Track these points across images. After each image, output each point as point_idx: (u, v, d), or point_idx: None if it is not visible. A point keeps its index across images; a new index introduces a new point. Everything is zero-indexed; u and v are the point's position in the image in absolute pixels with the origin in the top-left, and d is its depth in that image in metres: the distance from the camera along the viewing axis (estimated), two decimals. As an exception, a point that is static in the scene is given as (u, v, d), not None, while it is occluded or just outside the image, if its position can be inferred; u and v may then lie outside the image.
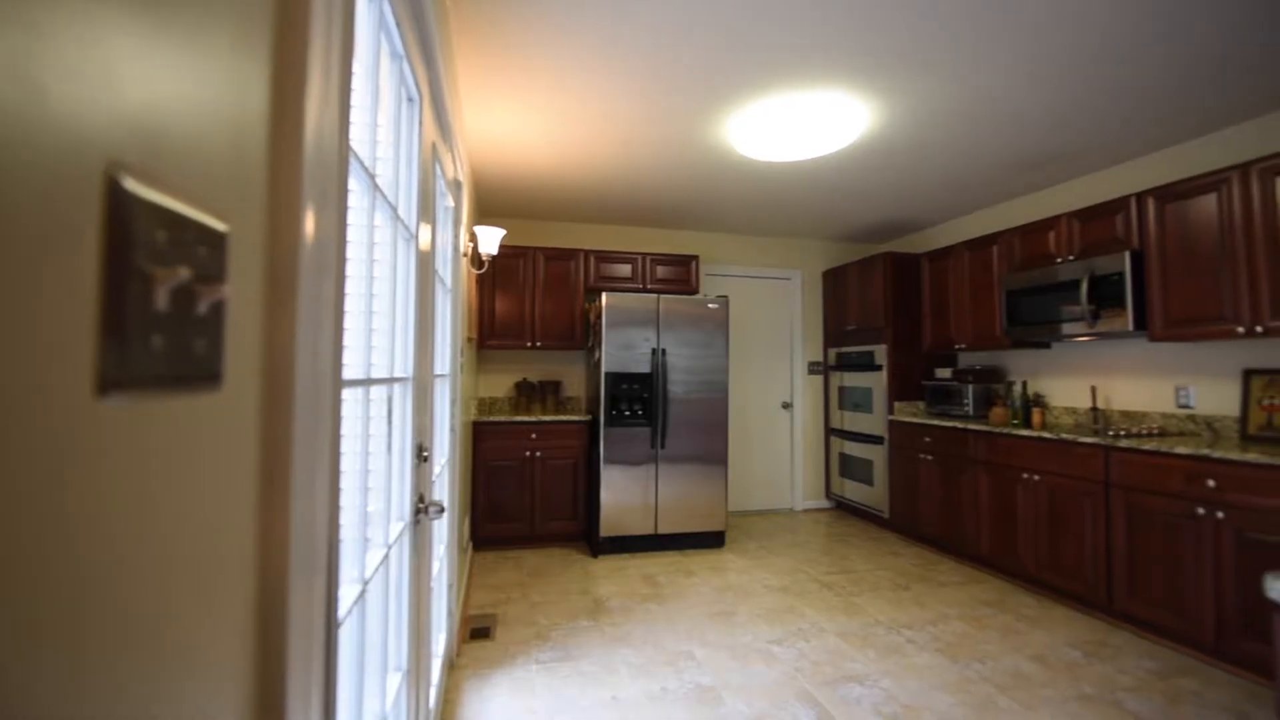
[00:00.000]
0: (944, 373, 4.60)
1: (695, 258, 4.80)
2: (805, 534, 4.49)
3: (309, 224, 0.62)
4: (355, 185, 1.02)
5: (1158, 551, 2.63)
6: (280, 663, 0.57)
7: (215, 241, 0.44)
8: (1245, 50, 2.27)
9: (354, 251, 1.02)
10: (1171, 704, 2.15)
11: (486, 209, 4.61)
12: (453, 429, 2.51)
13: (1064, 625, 2.83)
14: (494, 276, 4.39)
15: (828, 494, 5.37)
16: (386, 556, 1.19)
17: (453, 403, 2.51)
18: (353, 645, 0.98)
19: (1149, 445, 2.67)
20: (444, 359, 2.36)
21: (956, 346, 4.26)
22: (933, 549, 4.08)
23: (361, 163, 0.98)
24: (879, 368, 4.65)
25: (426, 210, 1.69)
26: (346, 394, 0.94)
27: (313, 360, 0.63)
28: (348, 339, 0.96)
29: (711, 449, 4.12)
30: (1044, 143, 3.18)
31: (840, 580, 3.45)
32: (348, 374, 0.92)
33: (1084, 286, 3.17)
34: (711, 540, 4.13)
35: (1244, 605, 2.32)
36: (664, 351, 4.08)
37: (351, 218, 0.99)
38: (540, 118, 2.92)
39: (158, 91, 0.38)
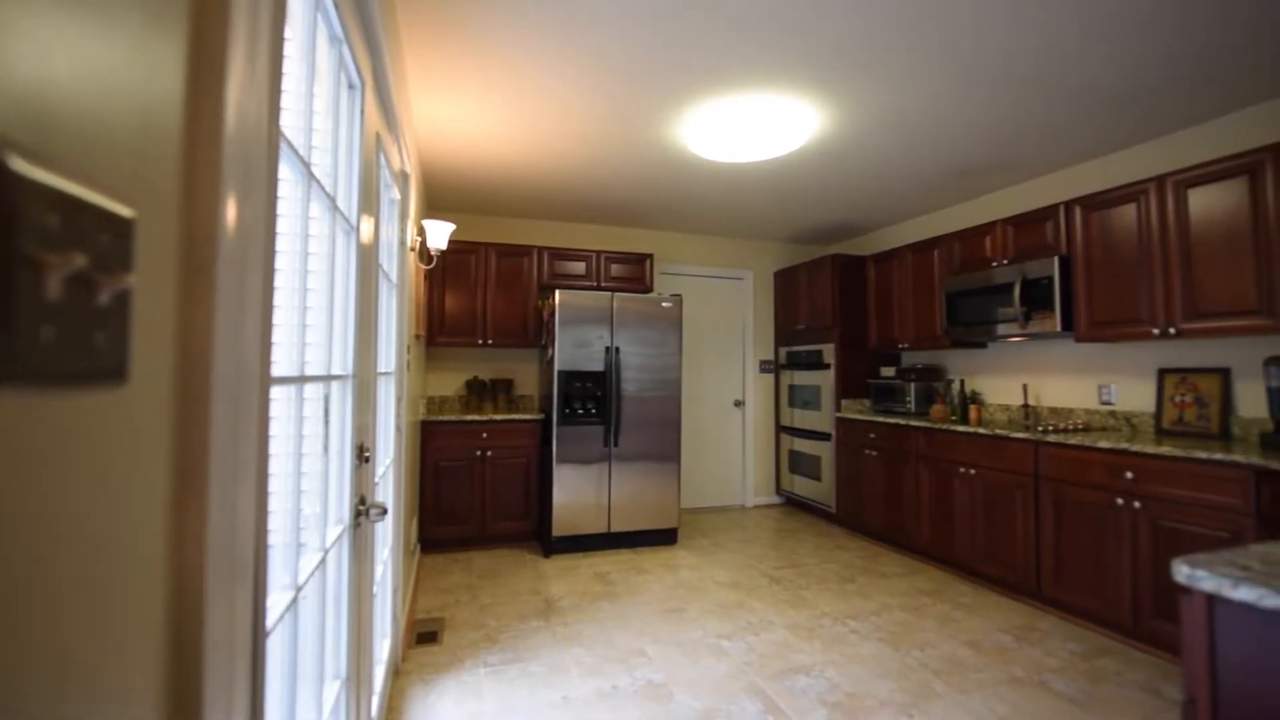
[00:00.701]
0: (888, 371, 4.77)
1: (650, 256, 4.81)
2: (756, 530, 4.57)
3: (230, 212, 0.58)
4: (288, 173, 0.97)
5: (1082, 540, 2.80)
6: (195, 678, 0.54)
7: (120, 228, 0.41)
8: (1170, 67, 2.43)
9: (287, 243, 0.97)
10: (1093, 683, 2.29)
11: (436, 203, 4.50)
12: (399, 428, 2.44)
13: (997, 612, 2.98)
14: (444, 273, 4.29)
15: (778, 490, 5.48)
16: (323, 561, 1.14)
17: (399, 401, 2.43)
18: (285, 654, 0.94)
19: (1074, 440, 2.84)
20: (389, 356, 2.28)
21: (900, 346, 4.41)
22: (877, 542, 4.23)
23: (295, 150, 0.94)
24: (827, 366, 4.77)
25: (369, 202, 1.63)
26: (277, 392, 0.90)
27: (235, 356, 0.59)
28: (279, 334, 0.91)
29: (664, 447, 4.15)
30: (981, 152, 3.33)
31: (789, 574, 3.53)
32: (278, 371, 0.88)
33: (1017, 289, 3.34)
34: (664, 538, 4.15)
35: (1157, 589, 2.49)
36: (618, 350, 4.07)
37: (284, 207, 0.95)
38: (493, 110, 2.87)
39: (53, 66, 0.35)
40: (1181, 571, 0.94)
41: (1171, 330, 2.74)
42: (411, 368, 3.11)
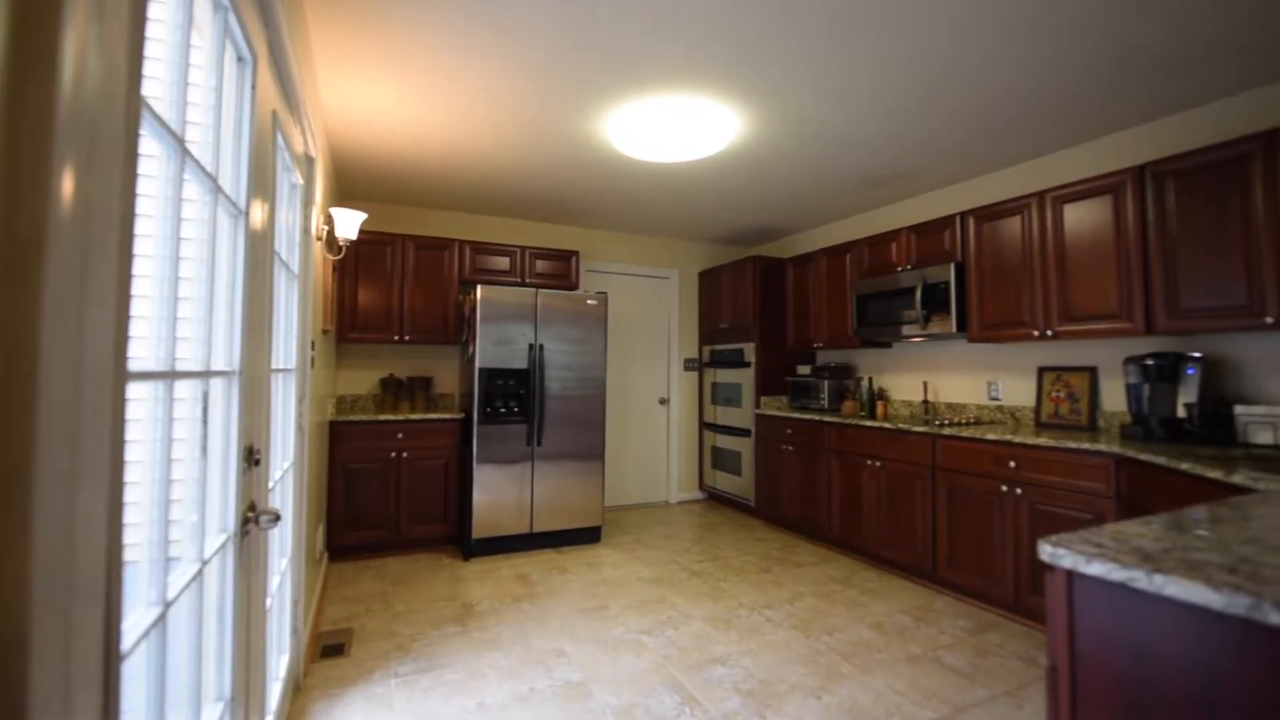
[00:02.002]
0: (805, 369, 4.97)
1: (576, 253, 4.77)
2: (679, 525, 4.64)
3: (65, 188, 0.52)
4: (156, 149, 0.88)
5: (972, 525, 3.03)
6: (18, 711, 0.47)
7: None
8: (1049, 96, 2.66)
9: (153, 226, 0.88)
10: (980, 656, 2.49)
11: (350, 191, 4.26)
12: (300, 429, 2.29)
13: (899, 595, 3.17)
14: (357, 265, 4.07)
15: (701, 485, 5.60)
16: (200, 574, 1.05)
17: (300, 400, 2.28)
18: (150, 676, 0.85)
19: (966, 433, 3.06)
20: (288, 352, 2.14)
21: (816, 345, 4.61)
22: (793, 533, 4.40)
23: (164, 123, 0.85)
24: (748, 365, 4.92)
25: (263, 185, 1.52)
26: (140, 390, 0.81)
27: (72, 350, 0.53)
28: (142, 327, 0.83)
29: (589, 445, 4.13)
30: (889, 163, 3.52)
31: (709, 568, 3.61)
32: (139, 366, 0.79)
33: (918, 293, 3.57)
34: (588, 536, 4.14)
35: (1035, 568, 2.74)
36: (542, 347, 4.01)
37: (150, 187, 0.86)
38: (410, 96, 2.74)
39: None
40: (1045, 550, 1.03)
41: (1049, 332, 3.01)
42: (318, 364, 2.93)
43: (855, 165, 3.58)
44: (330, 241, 3.33)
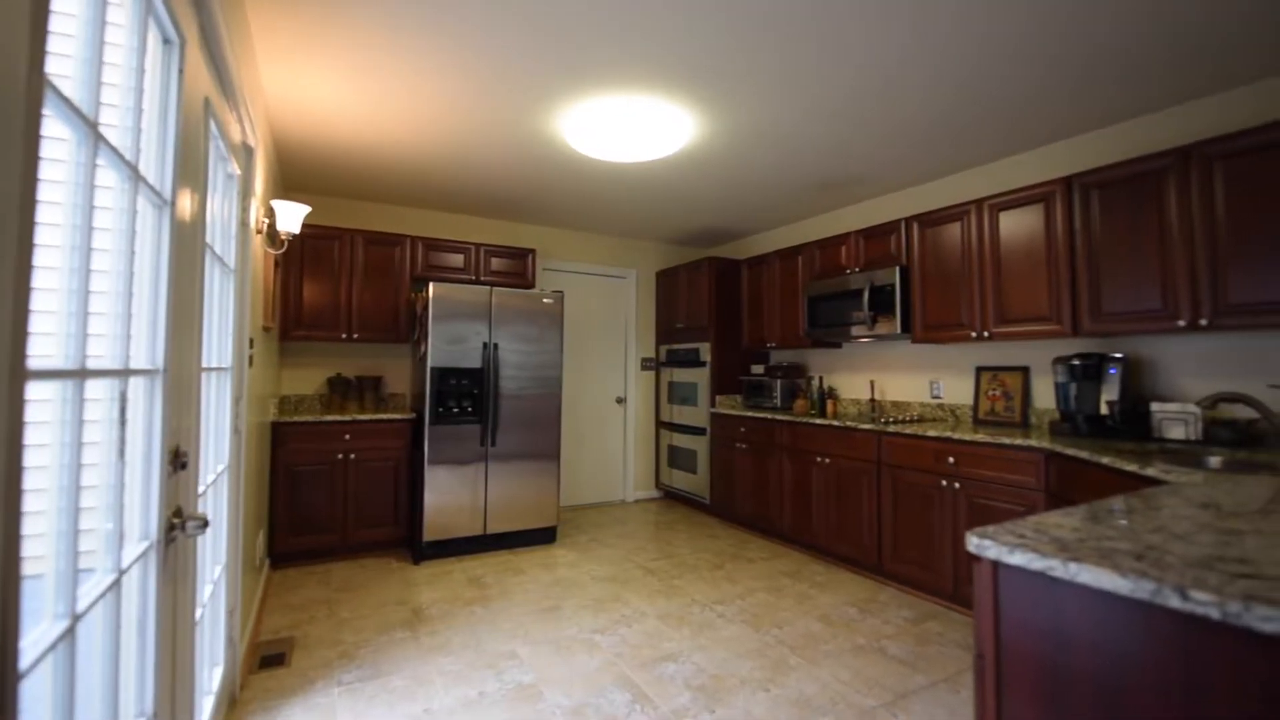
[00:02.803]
0: (758, 369, 5.06)
1: (532, 251, 4.72)
2: (635, 524, 4.66)
3: (-53, 170, 0.48)
4: (65, 132, 0.83)
5: (915, 519, 3.15)
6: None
7: None
8: (986, 107, 2.78)
9: (61, 215, 0.83)
10: (921, 645, 2.58)
11: (295, 183, 4.10)
12: (237, 430, 2.19)
13: (846, 587, 3.26)
14: (302, 260, 3.92)
15: (657, 484, 5.63)
16: (117, 584, 0.99)
17: (237, 400, 2.18)
18: (56, 695, 0.80)
19: (909, 430, 3.18)
20: (222, 349, 2.04)
21: (769, 345, 4.70)
22: (746, 529, 4.47)
23: (73, 105, 0.80)
24: (704, 364, 4.97)
25: (192, 175, 1.45)
26: (43, 389, 0.76)
27: (-44, 345, 0.49)
28: (46, 322, 0.78)
29: (544, 445, 4.09)
30: (840, 168, 3.62)
31: (663, 565, 3.63)
32: (42, 364, 0.74)
33: (866, 295, 3.68)
34: (543, 537, 4.10)
35: (970, 559, 2.86)
36: (496, 346, 3.96)
37: (56, 172, 0.81)
38: (360, 87, 2.66)
39: None
40: (972, 542, 1.07)
41: (986, 334, 3.16)
42: (258, 363, 2.80)
43: (807, 170, 3.66)
44: (272, 235, 3.19)
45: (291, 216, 2.96)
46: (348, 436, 3.74)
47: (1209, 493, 1.45)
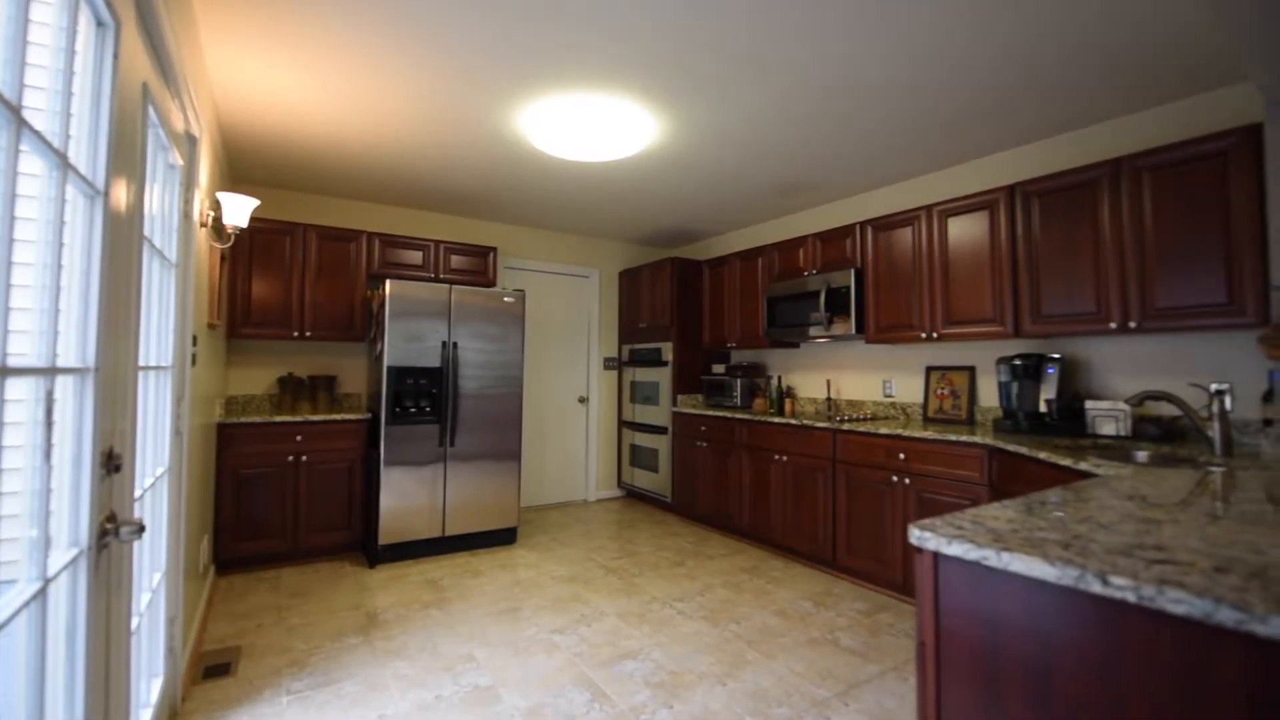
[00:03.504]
0: (719, 368, 5.12)
1: (493, 249, 4.66)
2: (597, 523, 4.65)
3: None
4: (-17, 117, 0.78)
5: (867, 513, 3.24)
6: None
7: None
8: (939, 117, 2.89)
9: (-21, 203, 0.78)
10: (873, 635, 2.67)
11: (244, 175, 3.94)
12: (178, 432, 2.10)
13: (802, 582, 3.34)
14: (251, 255, 3.78)
15: (619, 483, 5.64)
16: (42, 593, 0.94)
17: (178, 400, 2.09)
18: (-27, 714, 0.76)
19: (863, 428, 3.27)
20: (162, 347, 1.95)
21: (729, 345, 4.76)
22: (707, 526, 4.52)
23: (-7, 89, 0.76)
24: (666, 364, 5.00)
25: (128, 164, 1.38)
26: (-41, 388, 0.72)
27: None
28: (-37, 317, 0.74)
29: (505, 445, 4.05)
30: (798, 173, 3.70)
31: (625, 564, 3.64)
32: (-42, 362, 0.70)
33: (823, 297, 3.78)
34: (503, 538, 4.06)
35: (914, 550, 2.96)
36: (456, 345, 3.90)
37: (-26, 159, 0.76)
38: (314, 77, 2.58)
39: None
40: (914, 534, 1.12)
41: (935, 334, 3.28)
42: (202, 362, 2.69)
43: (767, 173, 3.73)
44: (218, 229, 3.07)
45: (239, 209, 2.85)
46: (299, 438, 3.62)
47: (1135, 485, 1.54)
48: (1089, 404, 2.72)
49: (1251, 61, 1.86)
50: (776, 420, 3.84)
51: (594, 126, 2.96)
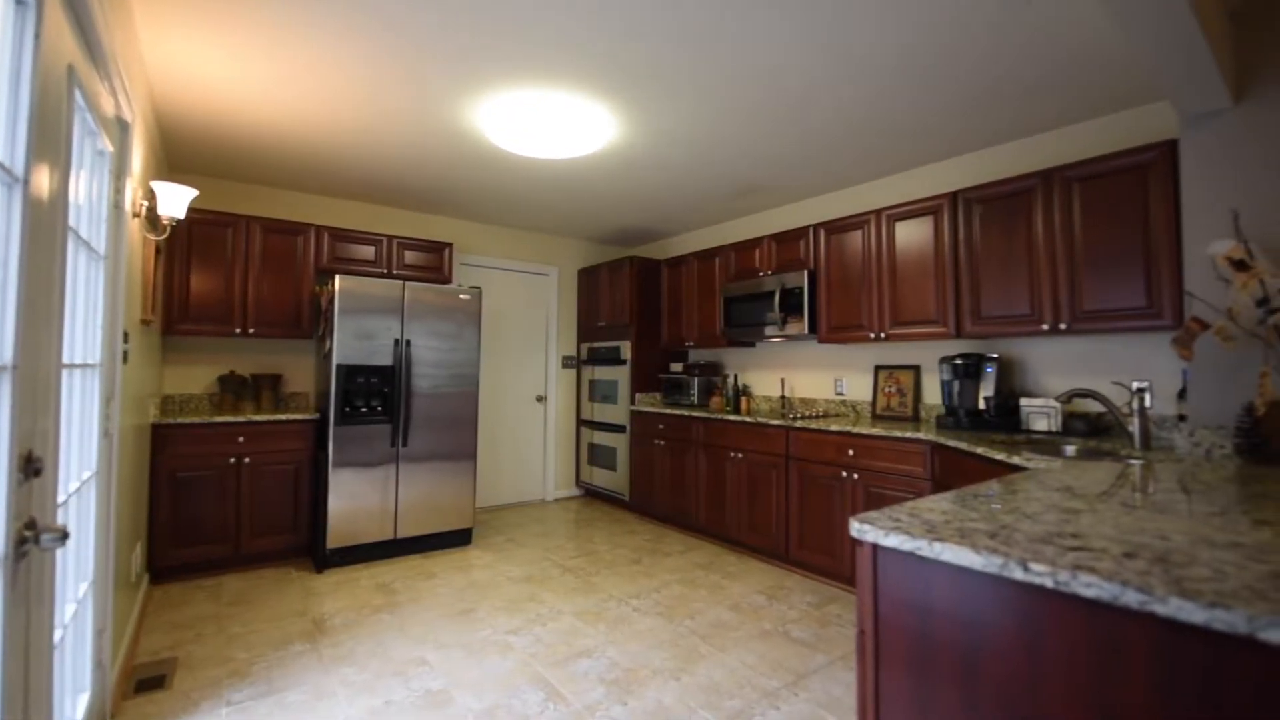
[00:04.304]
0: (677, 367, 5.17)
1: (449, 245, 4.58)
2: (554, 522, 4.63)
3: None
4: (-118, 98, 0.73)
5: (818, 508, 3.34)
6: None
7: None
8: (888, 125, 2.99)
9: (-123, 190, 0.73)
10: (822, 627, 2.75)
11: (184, 164, 3.76)
12: (107, 433, 1.99)
13: (756, 576, 3.41)
14: (189, 247, 3.61)
15: (578, 482, 5.63)
16: (-48, 606, 0.89)
17: (107, 400, 1.99)
18: None
19: (815, 425, 3.37)
20: (89, 344, 1.85)
21: (687, 344, 4.81)
22: (664, 524, 4.56)
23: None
24: (625, 362, 5.02)
25: (52, 150, 1.31)
26: None
27: None
28: None
29: (460, 445, 3.99)
30: (754, 175, 3.76)
31: (582, 563, 3.64)
32: None
33: (777, 297, 3.86)
34: (458, 539, 4.00)
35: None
36: (409, 343, 3.82)
37: None
38: (259, 62, 2.48)
39: None
40: (854, 527, 1.16)
41: (883, 335, 3.39)
42: (134, 360, 2.56)
43: (725, 175, 3.78)
44: (153, 220, 2.92)
45: (175, 199, 2.72)
46: (241, 439, 3.48)
47: (1061, 478, 1.64)
48: (1023, 401, 2.87)
49: (1167, 82, 1.99)
50: (732, 418, 3.90)
51: (552, 123, 2.94)
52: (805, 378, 4.25)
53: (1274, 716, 0.71)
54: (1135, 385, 2.45)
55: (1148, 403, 2.43)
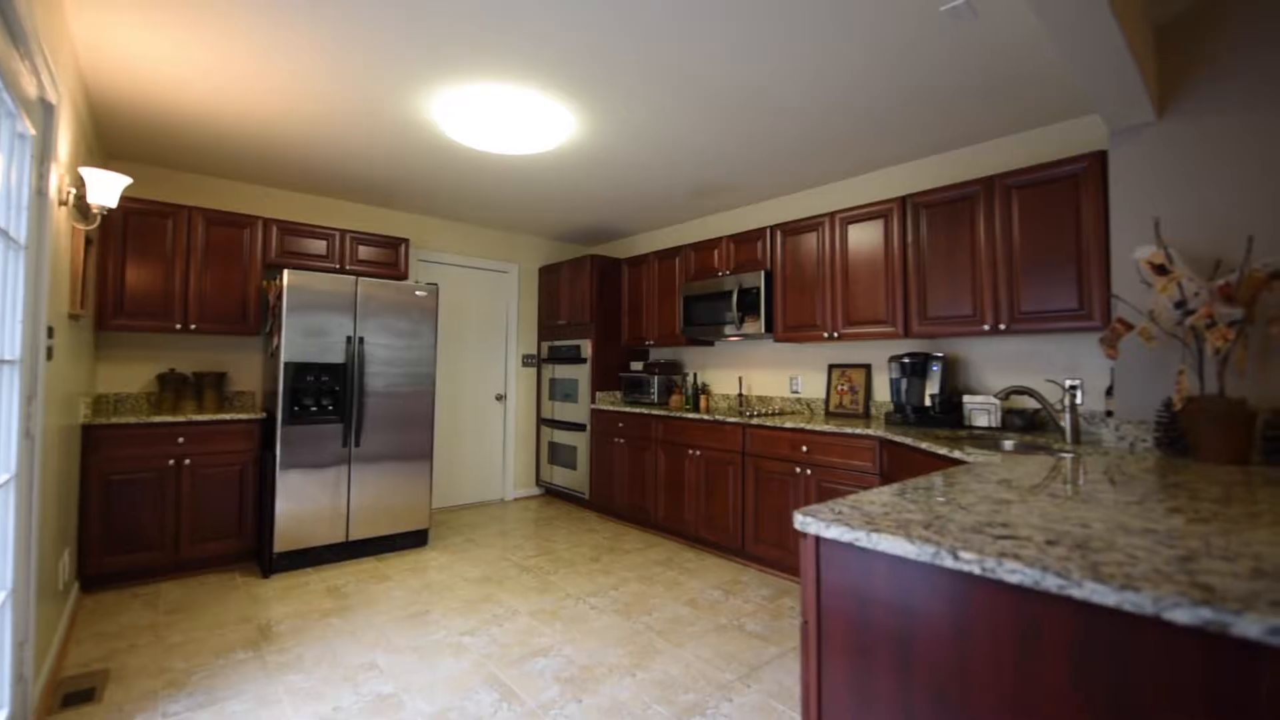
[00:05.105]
0: (637, 365, 5.19)
1: (405, 241, 4.48)
2: (513, 522, 4.59)
3: None
4: None
5: (773, 503, 3.40)
6: None
7: None
8: (840, 130, 3.06)
9: None
10: (775, 619, 2.80)
11: (120, 150, 3.57)
12: (29, 434, 1.88)
13: (713, 572, 3.45)
14: (125, 238, 3.43)
15: (538, 481, 5.59)
16: None
17: (29, 399, 1.87)
18: None
19: (771, 422, 3.43)
20: (8, 339, 1.74)
21: (648, 342, 4.83)
22: (624, 522, 4.57)
23: None
24: (585, 360, 5.00)
25: (-40, 133, 1.23)
26: None
27: None
28: None
29: (415, 445, 3.91)
30: (713, 176, 3.80)
31: (540, 562, 3.62)
32: None
33: (735, 296, 3.91)
34: (414, 540, 3.92)
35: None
36: (362, 340, 3.72)
37: None
38: (200, 44, 2.37)
39: None
40: (798, 519, 1.19)
41: (836, 334, 3.48)
42: (62, 356, 2.42)
43: (685, 175, 3.81)
44: (82, 208, 2.77)
45: (107, 187, 2.58)
46: (182, 440, 3.33)
47: (998, 471, 1.71)
48: (966, 398, 2.99)
49: (1097, 96, 2.11)
50: (690, 416, 3.94)
51: (511, 119, 2.91)
52: (762, 376, 4.32)
53: (1178, 691, 0.76)
54: (1068, 383, 2.59)
55: (1079, 399, 2.57)
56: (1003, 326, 2.78)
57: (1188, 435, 1.93)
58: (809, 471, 3.20)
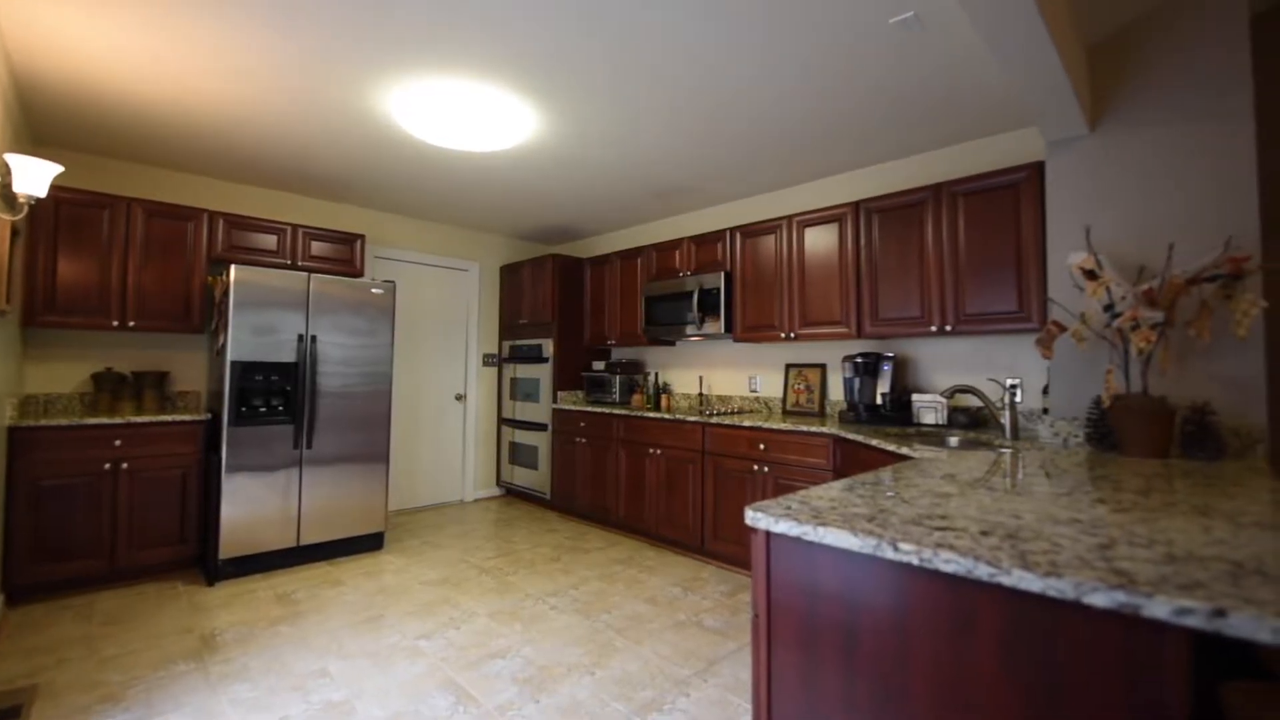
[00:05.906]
0: (599, 365, 5.18)
1: (361, 237, 4.37)
2: (473, 523, 4.53)
3: None
4: None
5: (732, 501, 3.46)
6: None
7: None
8: (799, 137, 3.13)
9: None
10: (733, 615, 2.85)
11: (52, 138, 3.37)
12: (-54, 437, 1.77)
13: (673, 569, 3.49)
14: (56, 230, 3.25)
15: (499, 482, 5.53)
16: None
17: (-54, 400, 1.76)
18: None
19: (729, 421, 3.48)
20: (-77, 337, 1.63)
21: (610, 342, 4.84)
22: (585, 521, 4.57)
23: None
24: (546, 360, 4.98)
25: None
26: None
27: None
28: None
29: (370, 446, 3.82)
30: (675, 176, 3.84)
31: (500, 563, 3.59)
32: None
33: (696, 297, 3.96)
34: (369, 544, 3.83)
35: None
36: (314, 339, 3.61)
37: None
38: (140, 27, 2.26)
39: None
40: (749, 515, 1.22)
41: (793, 335, 3.56)
42: (-18, 355, 2.28)
43: (647, 176, 3.83)
44: (9, 198, 2.61)
45: (35, 175, 2.44)
46: (119, 442, 3.18)
47: (943, 466, 1.79)
48: (915, 397, 3.10)
49: (1034, 109, 2.21)
50: (651, 415, 3.96)
51: (470, 115, 2.88)
52: (722, 375, 4.38)
53: (1098, 670, 0.81)
54: (1008, 382, 2.71)
55: (1019, 397, 2.69)
56: (949, 328, 2.90)
57: (1115, 431, 2.05)
58: (767, 469, 3.27)
